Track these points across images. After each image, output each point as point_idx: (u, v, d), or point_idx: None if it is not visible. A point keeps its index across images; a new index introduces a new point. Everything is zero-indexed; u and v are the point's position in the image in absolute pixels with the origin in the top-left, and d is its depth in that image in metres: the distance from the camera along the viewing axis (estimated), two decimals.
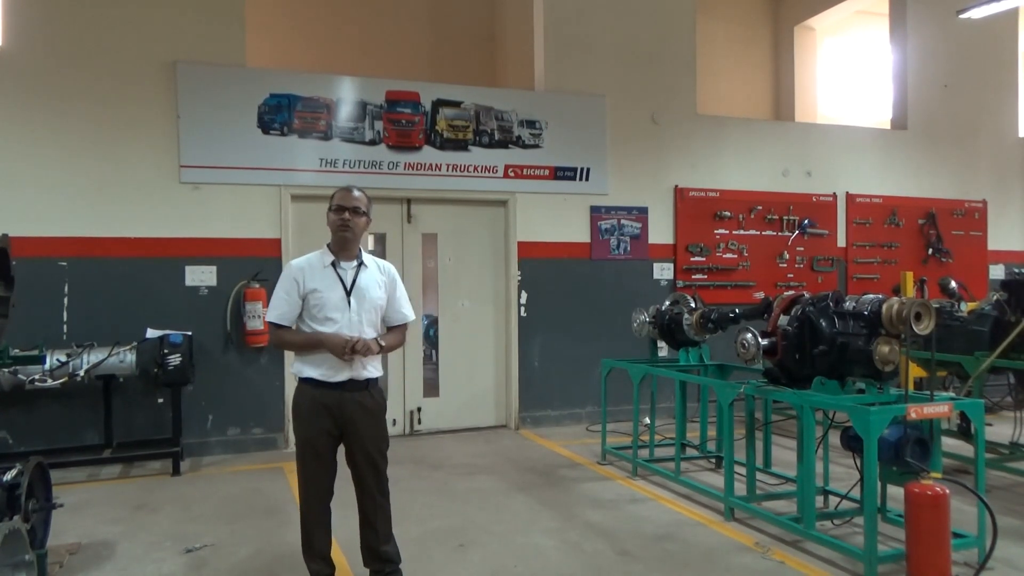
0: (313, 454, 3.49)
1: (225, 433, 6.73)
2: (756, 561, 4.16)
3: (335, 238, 3.54)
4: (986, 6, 8.17)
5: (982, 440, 4.15)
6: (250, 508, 5.14)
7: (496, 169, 7.57)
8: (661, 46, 8.23)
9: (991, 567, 3.89)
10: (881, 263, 9.07)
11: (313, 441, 3.47)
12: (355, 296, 3.48)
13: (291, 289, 3.46)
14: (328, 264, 3.49)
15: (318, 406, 3.44)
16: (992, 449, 5.91)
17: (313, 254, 3.58)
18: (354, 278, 3.51)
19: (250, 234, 6.79)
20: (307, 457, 3.51)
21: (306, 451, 3.50)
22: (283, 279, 3.51)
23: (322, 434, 3.46)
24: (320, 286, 3.44)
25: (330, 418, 3.45)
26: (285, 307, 3.46)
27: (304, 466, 3.53)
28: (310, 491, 3.55)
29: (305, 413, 3.47)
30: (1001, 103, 9.83)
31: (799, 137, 9.00)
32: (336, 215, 3.49)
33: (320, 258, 3.53)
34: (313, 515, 3.56)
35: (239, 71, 6.77)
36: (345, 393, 3.46)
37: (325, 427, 3.45)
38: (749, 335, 4.48)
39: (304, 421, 3.48)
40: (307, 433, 3.47)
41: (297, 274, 3.48)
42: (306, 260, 3.55)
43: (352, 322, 3.47)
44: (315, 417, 3.44)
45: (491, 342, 7.76)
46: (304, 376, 3.47)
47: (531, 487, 5.61)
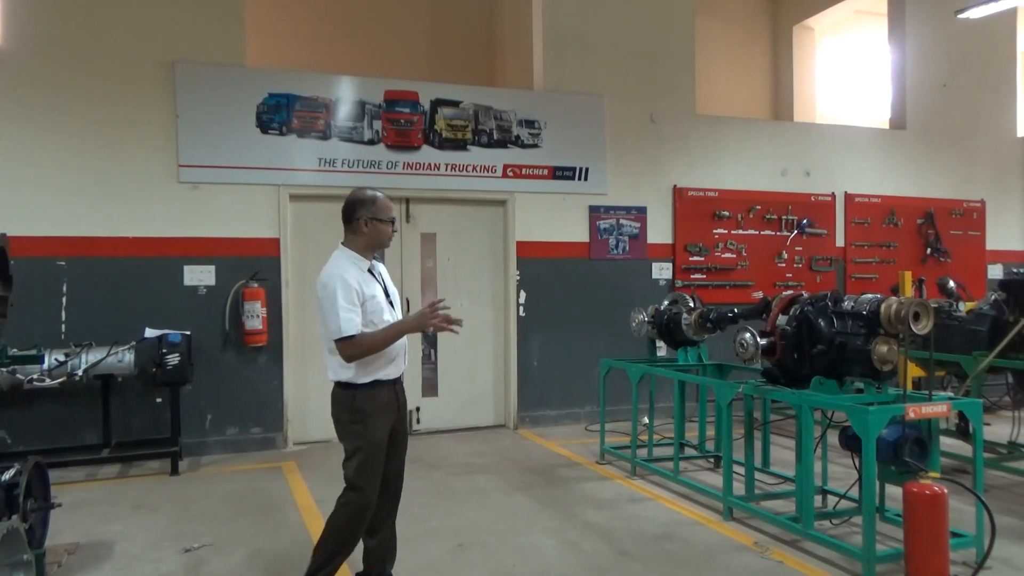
0: (381, 457, 3.41)
1: (224, 433, 6.72)
2: (755, 560, 4.16)
3: (373, 244, 3.47)
4: (984, 6, 8.17)
5: (980, 440, 4.16)
6: (249, 508, 5.14)
7: (495, 169, 7.57)
8: (660, 46, 8.24)
9: (989, 566, 3.90)
10: (880, 263, 9.07)
11: (383, 443, 3.41)
12: (392, 298, 3.53)
13: (354, 298, 3.28)
14: (366, 269, 3.45)
15: (385, 405, 3.41)
16: (990, 449, 5.92)
17: (345, 260, 3.40)
18: (384, 281, 3.55)
19: (249, 234, 6.79)
20: (376, 463, 3.39)
21: (376, 456, 3.38)
22: (341, 290, 3.26)
23: (387, 434, 3.44)
24: (374, 292, 3.41)
25: (392, 415, 3.46)
26: (357, 316, 3.27)
27: (370, 475, 3.37)
28: (370, 502, 3.39)
29: (377, 416, 3.38)
30: (999, 103, 9.84)
31: (798, 137, 9.01)
32: (389, 226, 3.47)
33: (357, 263, 3.41)
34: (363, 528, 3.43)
35: (238, 71, 6.76)
36: (398, 387, 3.52)
37: (390, 426, 3.45)
38: (748, 335, 4.48)
39: (376, 425, 3.37)
40: (377, 436, 3.38)
41: (355, 283, 3.31)
42: (350, 267, 3.36)
43: (395, 320, 3.50)
44: (382, 418, 3.40)
45: (490, 342, 7.76)
46: (368, 380, 3.35)
47: (530, 487, 5.61)
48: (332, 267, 3.37)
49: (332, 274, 3.33)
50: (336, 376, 3.39)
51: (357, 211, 3.44)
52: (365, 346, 3.29)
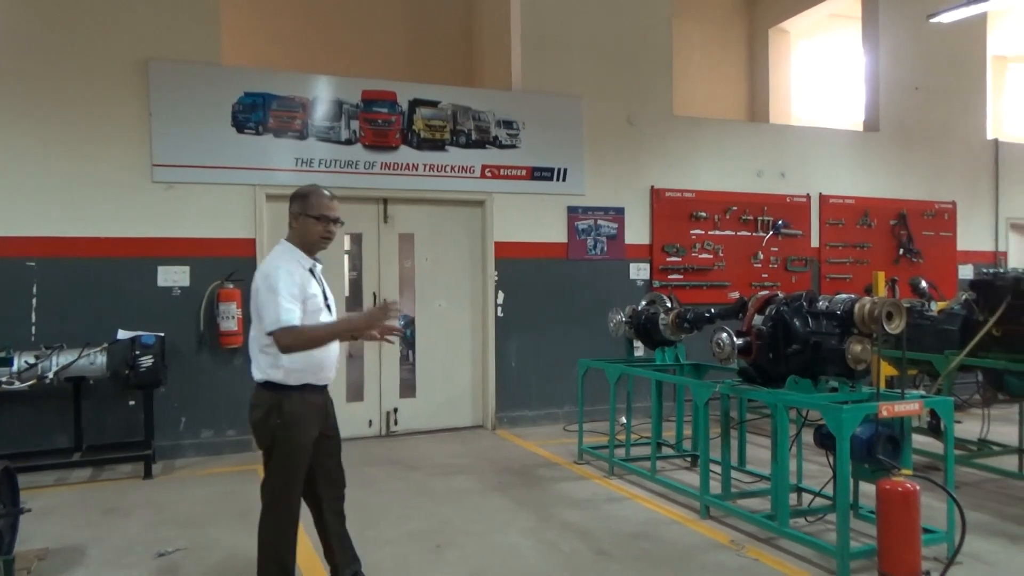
0: (305, 464, 3.26)
1: (198, 435, 6.65)
2: (731, 558, 4.19)
3: (311, 245, 3.31)
4: (955, 10, 8.31)
5: (951, 437, 4.21)
6: (224, 511, 5.08)
7: (473, 169, 7.56)
8: (638, 47, 8.27)
9: (959, 562, 3.95)
10: (853, 263, 9.18)
11: (308, 449, 3.25)
12: (329, 300, 3.39)
13: (295, 292, 3.14)
14: (307, 268, 3.30)
15: (315, 411, 3.28)
16: (961, 446, 6.01)
17: (286, 254, 3.27)
18: (322, 281, 3.41)
19: (224, 234, 6.72)
20: (300, 470, 3.24)
21: (300, 463, 3.24)
22: (283, 281, 3.11)
23: (313, 440, 3.29)
24: (315, 292, 3.27)
25: (319, 421, 3.31)
26: (297, 308, 3.12)
27: (293, 481, 3.25)
28: (294, 509, 3.27)
29: (305, 422, 3.23)
30: (970, 106, 10.00)
31: (773, 138, 9.09)
32: (322, 225, 3.27)
33: (299, 259, 3.26)
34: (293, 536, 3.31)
35: (213, 69, 6.69)
36: (327, 393, 3.39)
37: (315, 432, 3.30)
38: (724, 335, 4.51)
39: (304, 430, 3.23)
40: (305, 441, 3.23)
41: (298, 276, 3.19)
42: (292, 262, 3.23)
43: None
44: (309, 423, 3.26)
45: (468, 342, 7.74)
46: (300, 383, 3.20)
47: (508, 487, 5.61)
48: (274, 259, 3.24)
49: (274, 265, 3.18)
50: (264, 376, 3.19)
51: (292, 205, 3.30)
52: (306, 337, 3.10)
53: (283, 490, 3.27)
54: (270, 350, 3.16)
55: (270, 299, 3.09)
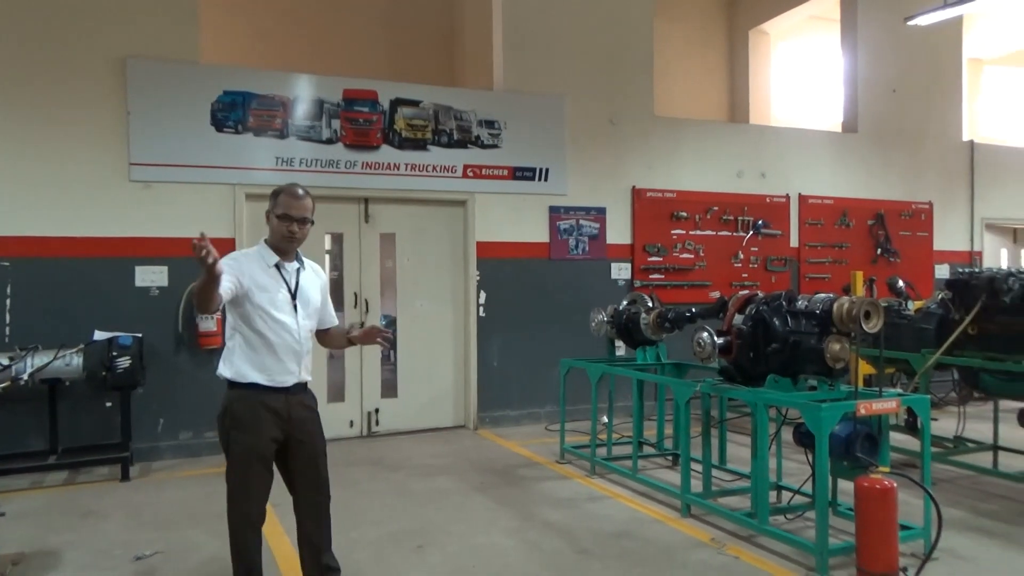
0: (261, 464, 3.23)
1: (177, 437, 6.58)
2: (712, 556, 4.21)
3: (275, 242, 3.33)
4: (932, 14, 8.42)
5: (928, 435, 4.27)
6: (203, 513, 5.03)
7: (455, 169, 7.54)
8: (619, 48, 8.30)
9: (936, 557, 4.00)
10: (832, 263, 9.27)
11: (261, 449, 3.22)
12: (299, 300, 3.36)
13: (234, 271, 3.12)
14: (272, 264, 3.30)
15: (264, 411, 3.22)
16: (938, 443, 6.08)
17: (253, 250, 3.35)
18: (296, 281, 3.37)
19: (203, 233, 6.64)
20: (253, 468, 3.22)
21: (251, 461, 3.21)
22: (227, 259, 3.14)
23: (270, 442, 3.25)
24: (267, 285, 3.25)
25: (275, 423, 3.25)
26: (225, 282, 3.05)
27: (244, 481, 3.23)
28: (249, 509, 3.25)
29: (249, 420, 3.20)
30: (946, 107, 10.13)
31: (754, 139, 9.15)
32: (283, 224, 3.25)
33: (263, 256, 3.29)
34: (253, 541, 3.30)
35: (192, 68, 6.62)
36: (291, 396, 3.31)
37: (272, 434, 3.25)
38: (705, 334, 4.53)
39: (248, 429, 3.20)
40: (253, 440, 3.20)
41: (246, 265, 3.21)
42: (253, 256, 3.30)
43: (300, 325, 3.35)
44: (262, 424, 3.22)
45: (450, 342, 7.73)
46: (245, 381, 3.22)
47: (490, 487, 5.60)
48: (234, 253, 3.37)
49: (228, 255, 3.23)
50: (218, 371, 3.30)
51: (268, 205, 3.35)
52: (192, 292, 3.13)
53: (236, 489, 3.28)
54: (229, 344, 3.30)
55: None
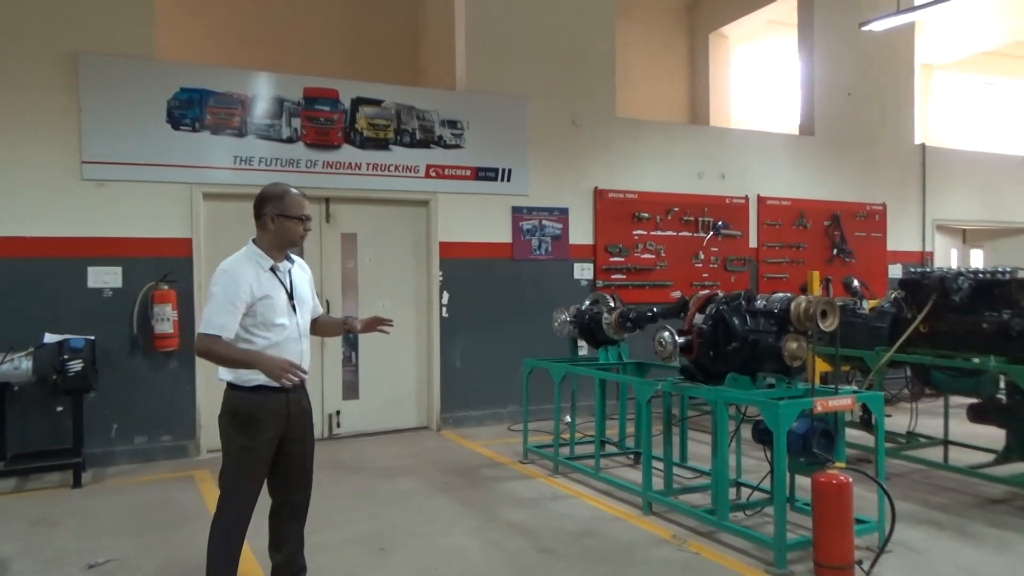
0: (255, 467, 3.23)
1: (131, 442, 6.42)
2: (673, 553, 4.25)
3: (281, 243, 3.31)
4: (885, 19, 8.65)
5: (882, 430, 4.37)
6: (158, 519, 4.93)
7: (417, 169, 7.50)
8: (582, 49, 8.34)
9: (890, 550, 4.10)
10: (790, 263, 9.43)
11: (259, 451, 3.22)
12: (296, 300, 3.35)
13: (239, 299, 3.12)
14: (268, 268, 3.28)
15: (267, 413, 3.21)
16: (891, 439, 6.22)
17: (245, 256, 3.27)
18: (291, 281, 3.37)
19: (159, 233, 6.51)
20: (249, 471, 3.23)
21: (248, 464, 3.22)
22: (227, 287, 3.12)
23: (270, 443, 3.25)
24: (270, 293, 3.23)
25: (276, 424, 3.26)
26: (231, 319, 3.11)
27: (241, 482, 3.23)
28: (245, 510, 3.24)
29: (253, 421, 3.20)
30: (899, 111, 10.38)
31: (713, 141, 9.27)
32: (300, 224, 3.31)
33: (258, 261, 3.26)
34: (238, 544, 3.27)
35: (147, 64, 6.48)
36: (291, 395, 3.31)
37: (270, 435, 3.25)
38: (666, 333, 4.58)
39: (250, 430, 3.20)
40: (253, 444, 3.21)
41: (248, 282, 3.16)
42: (248, 264, 3.23)
43: (299, 327, 3.34)
44: (263, 425, 3.21)
45: (412, 343, 7.68)
46: (252, 384, 3.17)
47: (453, 488, 5.58)
48: (229, 262, 3.24)
49: (224, 270, 3.19)
50: (221, 376, 3.25)
51: (264, 207, 3.28)
52: (216, 351, 3.10)
53: (231, 488, 3.26)
54: None
55: (209, 304, 3.16)
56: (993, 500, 5.18)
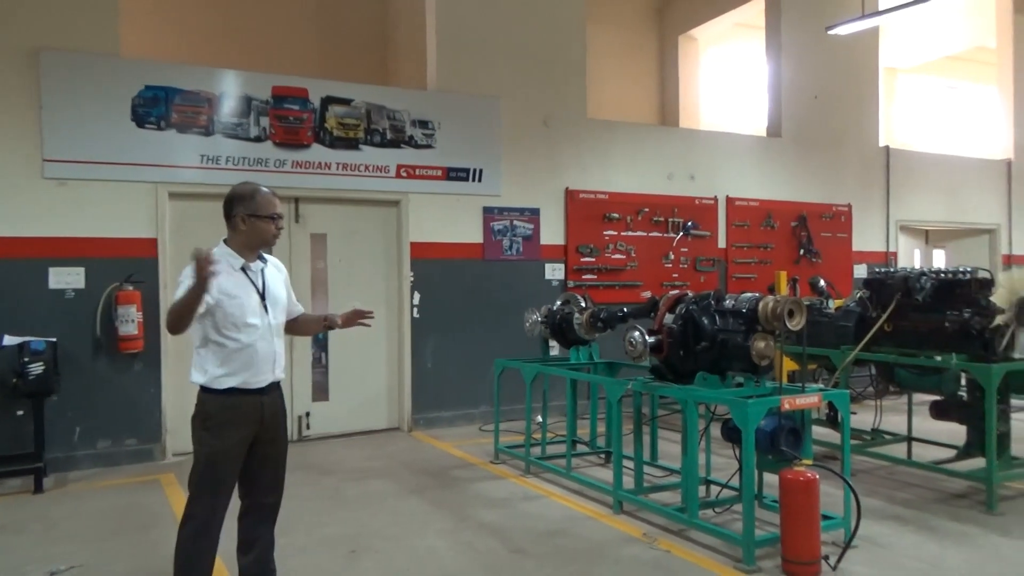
0: (226, 469, 3.19)
1: (95, 446, 6.30)
2: (644, 551, 4.28)
3: (252, 243, 3.27)
4: (851, 24, 8.81)
5: (848, 428, 4.44)
6: (123, 525, 4.83)
7: (388, 169, 7.46)
8: (553, 50, 8.36)
9: (855, 545, 4.16)
10: (758, 263, 9.55)
11: (231, 454, 3.18)
12: (268, 300, 3.31)
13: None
14: (239, 268, 3.24)
15: (239, 416, 3.17)
16: (856, 436, 6.33)
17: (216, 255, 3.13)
18: (263, 281, 3.32)
19: (123, 233, 6.39)
20: (219, 473, 3.18)
21: (218, 466, 3.17)
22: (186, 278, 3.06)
23: (241, 445, 3.21)
24: (236, 291, 3.18)
25: (249, 426, 3.21)
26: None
27: (213, 485, 3.17)
28: (217, 513, 3.19)
29: (224, 425, 3.15)
30: (864, 114, 10.56)
31: (683, 142, 9.36)
32: (272, 223, 3.28)
33: (228, 261, 3.20)
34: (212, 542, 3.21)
35: (111, 61, 6.36)
36: (265, 397, 3.26)
37: (243, 436, 3.21)
38: (637, 333, 4.60)
39: (222, 433, 3.15)
40: (224, 446, 3.16)
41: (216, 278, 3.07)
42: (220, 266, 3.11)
43: (271, 327, 3.30)
44: (235, 427, 3.17)
45: (383, 344, 7.64)
46: (221, 387, 3.15)
47: (424, 489, 5.56)
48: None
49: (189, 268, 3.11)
50: (192, 378, 3.21)
51: (235, 207, 3.24)
52: (171, 310, 3.04)
53: (201, 491, 3.20)
54: (200, 351, 3.21)
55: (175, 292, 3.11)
56: (954, 495, 5.29)
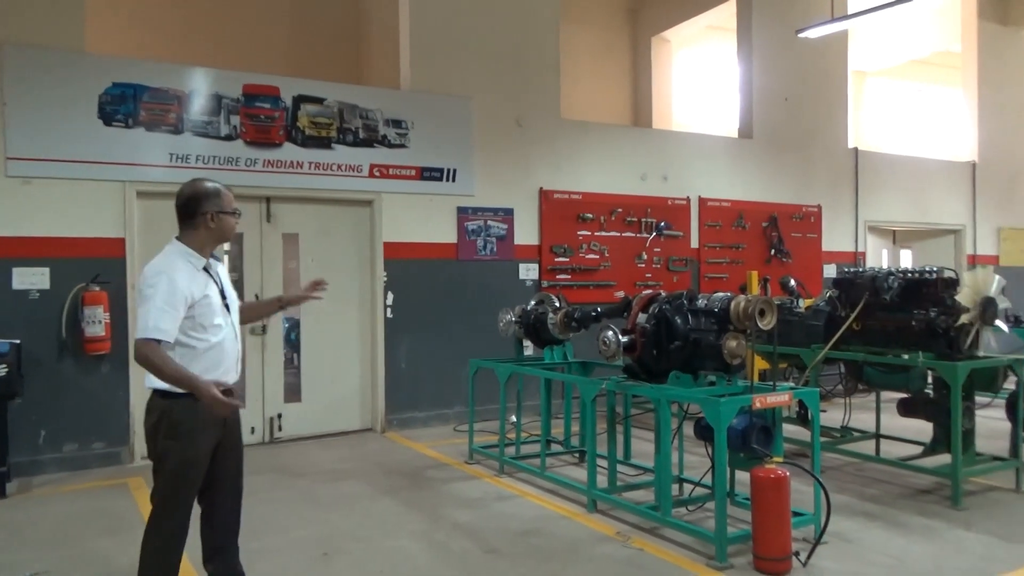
0: (196, 477, 3.12)
1: (61, 449, 6.17)
2: (617, 550, 4.29)
3: (217, 239, 3.24)
4: (821, 27, 8.94)
5: (818, 425, 4.50)
6: (89, 530, 4.74)
7: (361, 168, 7.41)
8: (526, 50, 8.37)
9: (826, 541, 4.21)
10: (730, 263, 9.64)
11: (199, 461, 3.11)
12: (228, 299, 3.26)
13: (179, 302, 2.99)
14: (201, 268, 3.17)
15: (209, 419, 3.08)
16: (826, 433, 6.42)
17: (178, 257, 3.12)
18: (220, 280, 3.27)
19: (90, 233, 6.28)
20: (189, 482, 3.10)
21: (189, 475, 3.09)
22: (166, 290, 2.98)
23: (209, 451, 3.14)
24: (208, 292, 3.13)
25: (216, 430, 3.15)
26: (171, 322, 2.97)
27: (181, 494, 3.11)
28: (181, 522, 3.11)
29: (193, 431, 3.06)
30: (833, 116, 10.71)
31: (656, 143, 9.41)
32: (235, 219, 3.26)
33: (191, 260, 3.13)
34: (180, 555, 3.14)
35: (77, 57, 6.24)
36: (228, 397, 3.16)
37: (211, 442, 3.14)
38: (610, 333, 4.62)
39: (191, 440, 3.06)
40: (196, 454, 3.09)
41: (184, 284, 3.03)
42: (183, 265, 3.09)
43: (234, 326, 3.26)
44: (203, 434, 3.10)
45: (356, 344, 7.58)
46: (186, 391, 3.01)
47: (398, 490, 5.53)
48: (161, 263, 3.09)
49: (160, 271, 3.03)
50: (156, 384, 3.05)
51: (203, 205, 3.16)
52: (155, 363, 2.93)
53: (170, 504, 3.11)
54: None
55: (146, 307, 2.99)
56: (921, 490, 5.39)
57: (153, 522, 3.13)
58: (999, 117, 11.94)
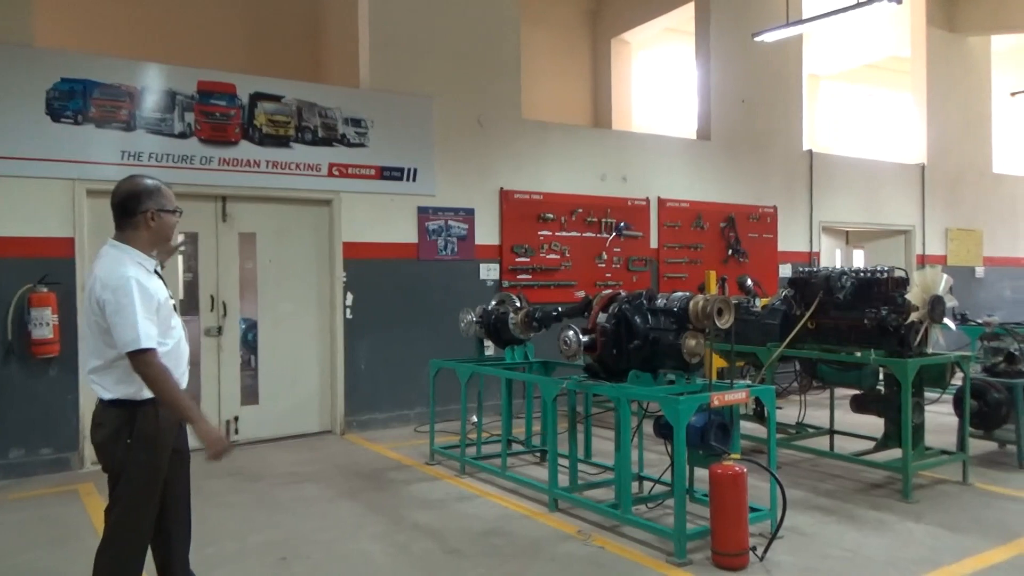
0: (158, 487, 2.98)
1: (6, 455, 5.98)
2: (578, 548, 4.31)
3: (159, 240, 3.08)
4: (776, 31, 9.10)
5: (774, 422, 4.58)
6: (36, 539, 4.60)
7: (320, 167, 7.33)
8: (487, 50, 8.36)
9: (782, 536, 4.30)
10: (688, 263, 9.75)
11: (163, 471, 2.97)
12: (175, 300, 3.18)
13: (153, 307, 2.90)
14: (152, 270, 3.05)
15: (170, 425, 2.98)
16: (782, 430, 6.53)
17: (129, 260, 2.95)
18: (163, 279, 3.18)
19: (36, 232, 6.09)
20: (153, 494, 2.96)
21: (154, 486, 2.96)
22: (139, 296, 2.84)
23: (168, 458, 3.02)
24: (164, 295, 3.02)
25: (173, 435, 3.03)
26: (154, 327, 2.87)
27: (146, 506, 2.95)
28: (143, 538, 2.97)
29: (157, 438, 2.93)
30: (789, 118, 10.91)
31: (616, 144, 9.48)
32: (176, 218, 3.10)
33: (141, 264, 2.98)
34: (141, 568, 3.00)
35: (24, 51, 6.05)
36: None
37: (169, 449, 3.02)
38: (571, 332, 4.64)
39: (158, 449, 2.94)
40: (161, 463, 2.96)
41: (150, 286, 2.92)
42: (140, 270, 2.95)
43: (182, 326, 3.16)
44: (167, 439, 2.98)
45: (315, 345, 7.49)
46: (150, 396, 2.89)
47: (358, 492, 5.48)
48: (119, 268, 2.90)
49: (124, 276, 2.86)
50: (112, 394, 2.90)
51: (143, 203, 2.99)
52: (162, 375, 2.84)
53: (133, 516, 2.95)
54: (120, 363, 2.88)
55: (125, 316, 2.82)
56: (874, 484, 5.52)
57: (110, 542, 2.96)
58: (946, 121, 12.30)
